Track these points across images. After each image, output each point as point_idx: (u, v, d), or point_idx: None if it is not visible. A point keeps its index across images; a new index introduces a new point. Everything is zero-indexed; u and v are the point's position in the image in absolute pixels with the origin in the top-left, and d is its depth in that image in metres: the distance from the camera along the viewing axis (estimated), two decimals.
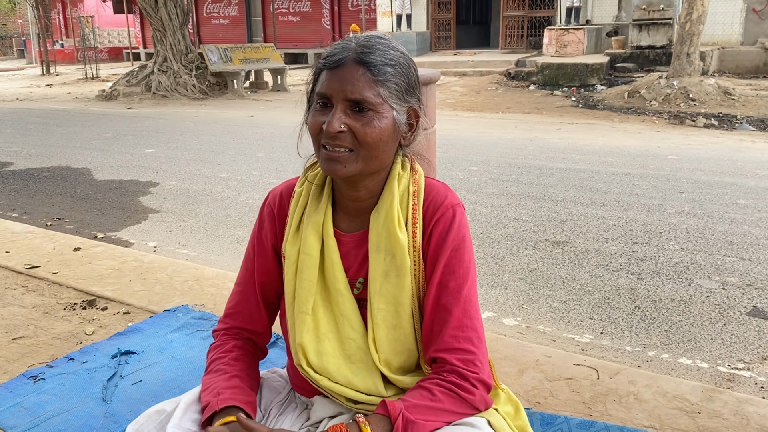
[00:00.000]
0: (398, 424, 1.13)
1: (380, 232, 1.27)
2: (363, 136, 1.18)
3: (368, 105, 1.18)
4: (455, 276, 1.26)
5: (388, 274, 1.26)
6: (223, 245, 4.33)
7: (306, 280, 1.29)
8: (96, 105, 13.73)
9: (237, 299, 1.43)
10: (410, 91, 1.25)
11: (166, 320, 2.60)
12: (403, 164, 1.32)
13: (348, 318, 1.29)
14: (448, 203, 1.29)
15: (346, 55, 1.19)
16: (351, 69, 1.18)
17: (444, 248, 1.26)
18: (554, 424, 1.79)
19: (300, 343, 1.29)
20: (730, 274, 3.61)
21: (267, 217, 1.39)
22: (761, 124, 9.08)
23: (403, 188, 1.29)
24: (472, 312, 1.26)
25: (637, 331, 2.98)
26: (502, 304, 3.29)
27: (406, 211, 1.28)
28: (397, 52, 1.23)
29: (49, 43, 24.54)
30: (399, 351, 1.29)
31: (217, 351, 1.39)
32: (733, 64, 13.98)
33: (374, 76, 1.18)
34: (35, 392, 2.08)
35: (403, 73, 1.23)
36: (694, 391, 1.99)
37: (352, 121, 1.18)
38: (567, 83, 13.08)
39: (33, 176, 6.66)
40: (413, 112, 1.27)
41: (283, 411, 1.43)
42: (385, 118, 1.20)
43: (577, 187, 5.64)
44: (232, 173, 6.56)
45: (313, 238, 1.30)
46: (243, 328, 1.42)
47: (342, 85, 1.17)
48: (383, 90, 1.19)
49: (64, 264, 3.33)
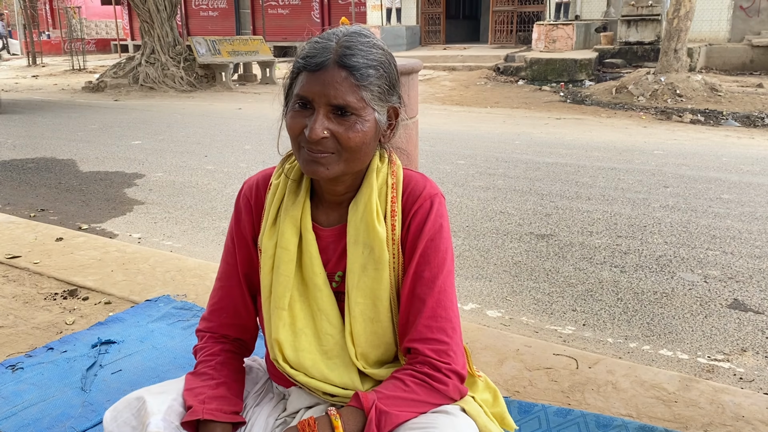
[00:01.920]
0: (371, 416, 1.12)
1: (358, 225, 1.26)
2: (346, 141, 1.16)
3: (351, 110, 1.15)
4: (430, 266, 1.25)
5: (366, 268, 1.25)
6: (208, 237, 4.31)
7: (283, 275, 1.28)
8: (82, 96, 13.61)
9: (220, 294, 1.41)
10: (392, 90, 1.23)
11: (147, 310, 2.59)
12: (381, 157, 1.30)
13: (325, 313, 1.29)
14: (426, 194, 1.28)
15: (327, 57, 1.15)
16: (333, 73, 1.14)
17: (420, 238, 1.25)
18: (531, 413, 1.80)
19: (276, 339, 1.28)
20: (713, 268, 3.64)
21: (244, 209, 1.36)
22: (746, 121, 9.14)
23: (382, 181, 1.28)
24: (446, 302, 1.25)
25: (619, 323, 3.00)
26: (486, 296, 3.30)
27: (385, 204, 1.27)
28: (379, 50, 1.20)
29: (35, 34, 24.28)
30: (376, 344, 1.29)
31: (202, 353, 1.36)
32: (720, 61, 14.07)
33: (357, 81, 1.15)
34: (13, 381, 2.06)
35: (385, 73, 1.20)
36: (672, 381, 2.01)
37: (334, 126, 1.15)
38: (555, 78, 13.11)
39: (17, 167, 6.60)
40: (393, 111, 1.25)
41: (260, 402, 1.42)
42: (367, 121, 1.17)
43: (563, 181, 5.66)
44: (219, 165, 6.53)
45: (291, 233, 1.28)
46: (230, 324, 1.40)
47: (324, 89, 1.14)
48: (366, 93, 1.16)
49: (45, 254, 3.30)
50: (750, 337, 2.83)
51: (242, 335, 1.43)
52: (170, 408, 1.22)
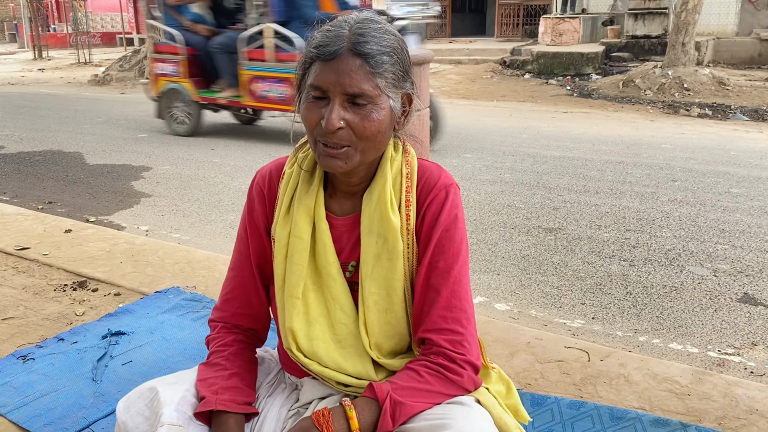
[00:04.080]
0: (386, 406, 1.12)
1: (372, 215, 1.25)
2: (362, 130, 1.15)
3: (367, 98, 1.14)
4: (445, 256, 1.24)
5: (380, 258, 1.25)
6: (216, 229, 4.31)
7: (296, 264, 1.27)
8: (88, 90, 13.62)
9: (233, 284, 1.40)
10: (405, 76, 1.21)
11: (157, 301, 2.59)
12: (396, 146, 1.29)
13: (339, 302, 1.28)
14: (441, 184, 1.27)
15: (341, 45, 1.13)
16: (347, 61, 1.13)
17: (435, 229, 1.24)
18: (544, 405, 1.79)
19: (290, 328, 1.27)
20: (722, 262, 3.62)
21: (257, 198, 1.35)
22: (755, 114, 9.09)
23: (396, 171, 1.27)
24: (461, 293, 1.24)
25: (628, 316, 2.99)
26: (495, 290, 3.29)
27: (399, 194, 1.26)
28: (391, 36, 1.19)
29: (41, 27, 24.29)
30: (390, 335, 1.28)
31: (215, 343, 1.36)
32: (727, 55, 13.97)
33: (372, 68, 1.13)
34: (25, 372, 2.07)
35: (399, 60, 1.19)
36: (684, 374, 2.00)
37: (350, 116, 1.14)
38: (562, 72, 13.04)
39: (24, 160, 6.61)
40: (407, 97, 1.24)
41: (272, 392, 1.41)
42: (382, 109, 1.16)
43: (570, 174, 5.64)
44: (225, 158, 6.52)
45: (304, 222, 1.27)
46: (242, 314, 1.40)
47: (339, 78, 1.12)
48: (381, 81, 1.15)
49: (54, 246, 3.30)
50: (761, 331, 2.82)
51: (255, 325, 1.42)
52: (183, 398, 1.21)
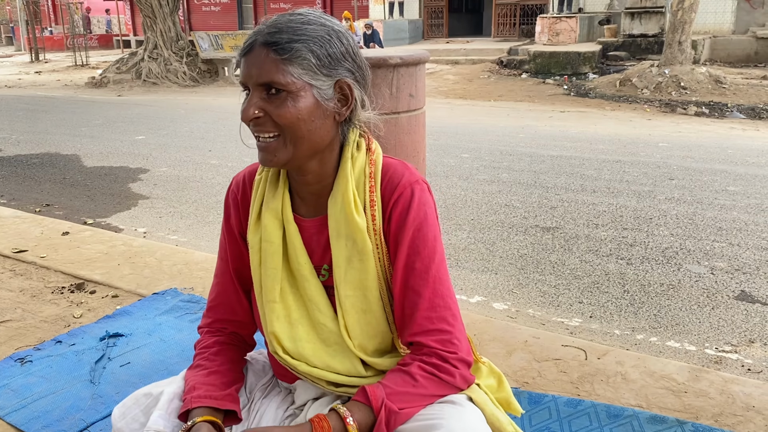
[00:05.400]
0: (381, 416, 1.11)
1: (338, 217, 1.23)
2: (277, 118, 1.15)
3: (279, 86, 1.14)
4: (421, 257, 1.22)
5: (351, 260, 1.24)
6: (214, 231, 4.31)
7: (270, 268, 1.27)
8: (85, 92, 13.61)
9: (216, 291, 1.41)
10: (333, 63, 1.18)
11: (154, 303, 2.59)
12: (359, 144, 1.27)
13: (316, 303, 1.27)
14: (405, 182, 1.24)
15: (255, 39, 1.16)
16: (258, 52, 1.15)
17: (405, 229, 1.22)
18: (542, 403, 1.80)
19: (272, 332, 1.27)
20: (719, 259, 3.63)
21: (232, 205, 1.36)
22: (751, 113, 9.11)
23: (359, 170, 1.25)
24: (443, 291, 1.23)
25: (626, 315, 3.00)
26: (492, 289, 3.30)
27: (363, 194, 1.24)
28: (315, 26, 1.17)
29: (38, 29, 24.28)
30: (372, 335, 1.27)
31: (198, 347, 1.37)
32: (724, 53, 14.01)
33: (279, 56, 1.14)
34: (22, 374, 2.07)
35: (320, 45, 1.16)
36: (681, 371, 2.00)
37: (267, 105, 1.15)
38: (559, 71, 13.07)
39: (21, 163, 6.61)
40: (346, 85, 1.20)
41: (267, 394, 1.41)
42: (301, 97, 1.15)
43: (567, 173, 5.64)
44: (223, 160, 6.53)
45: (274, 225, 1.27)
46: (226, 320, 1.40)
47: (250, 70, 1.15)
48: (293, 68, 1.14)
49: (52, 248, 3.30)
50: (758, 329, 2.83)
51: (239, 330, 1.42)
52: (171, 402, 1.23)
